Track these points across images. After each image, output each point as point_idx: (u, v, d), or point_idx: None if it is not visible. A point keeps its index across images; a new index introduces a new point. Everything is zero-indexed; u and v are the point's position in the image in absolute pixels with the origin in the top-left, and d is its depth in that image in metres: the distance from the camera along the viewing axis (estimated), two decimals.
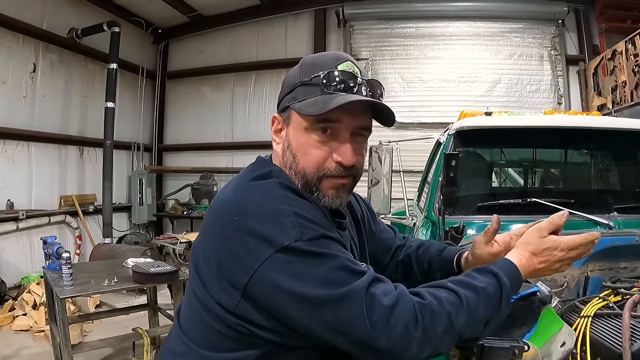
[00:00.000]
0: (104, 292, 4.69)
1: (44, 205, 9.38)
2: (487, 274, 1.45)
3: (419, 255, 1.95)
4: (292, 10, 11.60)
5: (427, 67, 10.81)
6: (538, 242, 1.55)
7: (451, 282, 1.42)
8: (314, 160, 1.48)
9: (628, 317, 1.94)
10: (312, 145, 1.48)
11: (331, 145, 1.48)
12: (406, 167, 4.78)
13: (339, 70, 1.47)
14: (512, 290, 1.45)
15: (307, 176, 1.48)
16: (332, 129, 1.47)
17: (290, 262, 1.28)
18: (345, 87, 1.45)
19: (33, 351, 6.07)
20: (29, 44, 8.99)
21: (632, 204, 3.34)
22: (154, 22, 12.21)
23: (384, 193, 3.61)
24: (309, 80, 1.47)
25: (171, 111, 12.97)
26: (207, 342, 1.45)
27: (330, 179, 1.49)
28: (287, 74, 1.59)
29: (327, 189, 1.50)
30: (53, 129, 9.62)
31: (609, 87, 8.78)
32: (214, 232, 1.41)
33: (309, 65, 1.52)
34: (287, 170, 1.52)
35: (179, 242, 7.70)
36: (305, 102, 1.46)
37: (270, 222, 1.32)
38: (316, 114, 1.42)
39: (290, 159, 1.51)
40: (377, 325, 1.25)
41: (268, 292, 1.29)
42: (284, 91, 1.55)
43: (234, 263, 1.33)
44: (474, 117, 3.77)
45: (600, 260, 2.85)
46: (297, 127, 1.50)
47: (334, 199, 1.52)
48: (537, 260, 1.53)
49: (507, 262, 1.51)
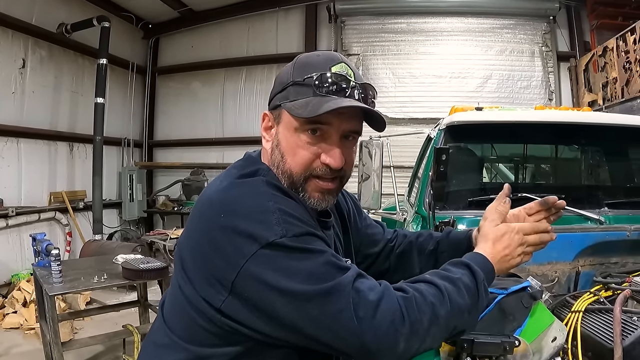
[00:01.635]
0: (93, 289, 4.68)
1: (34, 202, 9.31)
2: (459, 266, 1.49)
3: (420, 242, 2.00)
4: (283, 6, 11.55)
5: (419, 63, 10.80)
6: (494, 230, 1.62)
7: (429, 275, 1.45)
8: (301, 160, 1.48)
9: (619, 312, 1.94)
10: (300, 146, 1.48)
11: (320, 147, 1.49)
12: (397, 163, 4.77)
13: (332, 72, 1.47)
14: (487, 279, 1.49)
15: (294, 176, 1.49)
16: (322, 130, 1.48)
17: (276, 257, 1.29)
18: (338, 89, 1.46)
19: (23, 349, 6.05)
20: (18, 39, 8.91)
21: (623, 199, 3.35)
22: (144, 17, 12.12)
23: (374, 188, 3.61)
24: (301, 81, 1.47)
25: (161, 107, 12.92)
26: (189, 335, 1.45)
27: (316, 180, 1.51)
28: (280, 71, 1.58)
29: (312, 191, 1.52)
30: (42, 125, 9.54)
31: (600, 84, 8.79)
32: (200, 228, 1.41)
33: (302, 64, 1.51)
34: (274, 169, 1.53)
35: (169, 238, 7.68)
36: (296, 103, 1.46)
37: (256, 218, 1.33)
38: (306, 117, 1.42)
39: (278, 158, 1.52)
40: (363, 321, 1.26)
41: (255, 288, 1.29)
42: (275, 89, 1.55)
43: (220, 260, 1.33)
44: (464, 112, 3.76)
45: (591, 256, 2.86)
46: (287, 127, 1.50)
47: (320, 202, 1.54)
48: (500, 246, 1.59)
49: (475, 254, 1.57)
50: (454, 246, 1.90)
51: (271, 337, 1.35)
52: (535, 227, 1.66)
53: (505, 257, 1.58)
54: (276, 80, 1.57)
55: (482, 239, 1.63)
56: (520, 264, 1.64)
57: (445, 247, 1.93)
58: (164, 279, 4.85)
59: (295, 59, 1.56)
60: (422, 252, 1.98)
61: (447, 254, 1.88)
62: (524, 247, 1.62)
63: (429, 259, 1.95)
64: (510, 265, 1.60)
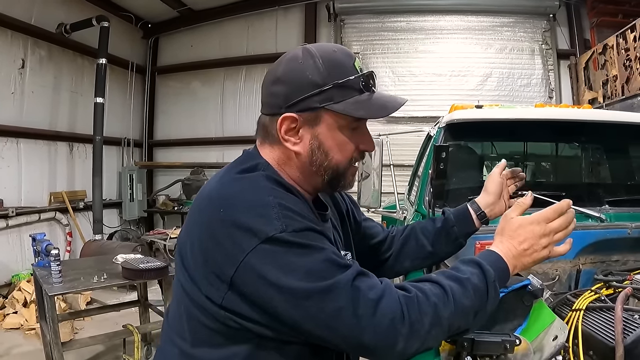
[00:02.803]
0: (93, 288, 4.68)
1: (34, 202, 9.32)
2: (470, 264, 1.46)
3: (423, 225, 2.09)
4: (282, 4, 11.56)
5: (418, 61, 10.79)
6: (509, 224, 1.58)
7: (435, 275, 1.44)
8: (347, 154, 1.56)
9: (620, 310, 1.93)
10: (345, 142, 1.54)
11: (356, 138, 1.57)
12: (397, 161, 4.77)
13: (356, 67, 1.52)
14: (499, 279, 1.47)
15: (340, 169, 1.56)
16: (361, 124, 1.58)
17: (275, 252, 1.28)
18: (371, 85, 1.54)
19: (24, 349, 6.06)
20: (18, 40, 8.93)
21: (624, 196, 3.33)
22: (144, 17, 12.13)
23: (374, 187, 3.61)
24: (345, 82, 1.48)
25: (161, 106, 12.94)
26: (195, 337, 1.44)
27: (352, 167, 1.61)
28: (296, 69, 1.51)
29: (349, 176, 1.61)
30: (42, 125, 9.55)
31: (600, 81, 8.79)
32: (200, 224, 1.41)
33: (333, 64, 1.49)
34: (314, 168, 1.54)
35: (169, 237, 7.67)
36: (347, 104, 1.48)
37: (256, 213, 1.33)
38: (373, 117, 1.52)
39: (321, 158, 1.53)
40: (362, 319, 1.25)
41: (254, 283, 1.29)
42: (305, 90, 1.47)
43: (220, 255, 1.32)
44: (464, 110, 3.75)
45: (592, 253, 2.85)
46: (330, 127, 1.51)
47: (352, 183, 1.65)
48: (517, 241, 1.54)
49: (489, 252, 1.54)
50: (459, 215, 2.01)
51: (277, 333, 1.35)
52: (558, 209, 1.58)
53: (526, 251, 1.53)
54: (291, 79, 1.50)
55: (497, 235, 1.60)
56: (552, 258, 1.60)
57: (452, 222, 2.01)
58: (164, 278, 4.85)
59: (313, 55, 1.50)
60: (429, 231, 2.03)
61: (457, 227, 1.99)
62: (550, 236, 1.55)
63: (439, 235, 2.01)
64: (534, 259, 1.54)
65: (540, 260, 1.56)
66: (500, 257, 1.51)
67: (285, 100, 1.49)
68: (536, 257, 1.54)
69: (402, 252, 2.04)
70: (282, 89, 1.51)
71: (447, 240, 2.00)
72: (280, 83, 1.52)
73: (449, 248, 2.02)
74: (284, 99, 1.49)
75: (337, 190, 1.68)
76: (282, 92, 1.50)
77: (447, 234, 1.99)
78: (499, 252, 1.52)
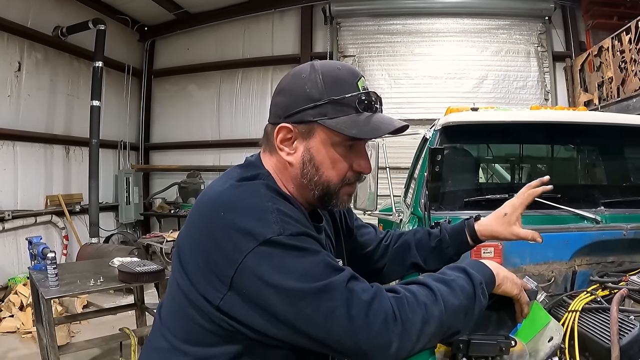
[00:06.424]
0: (89, 292, 4.67)
1: (30, 206, 9.29)
2: (455, 270, 1.54)
3: (418, 238, 2.12)
4: (278, 7, 11.56)
5: (414, 64, 10.82)
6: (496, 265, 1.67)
7: (422, 277, 1.50)
8: (339, 172, 1.57)
9: (616, 311, 1.94)
10: (339, 159, 1.56)
11: (351, 157, 1.58)
12: (393, 164, 4.76)
13: (359, 86, 1.54)
14: (486, 283, 1.54)
15: (331, 186, 1.57)
16: (358, 144, 1.59)
17: (272, 254, 1.32)
18: (372, 106, 1.55)
19: (20, 353, 6.04)
20: (14, 43, 8.90)
21: (619, 198, 3.34)
22: (140, 20, 12.13)
23: (370, 189, 3.61)
24: (340, 99, 1.50)
25: (158, 109, 12.92)
26: (188, 335, 1.47)
27: (347, 186, 1.61)
28: (292, 81, 1.57)
29: (342, 196, 1.62)
30: (38, 128, 9.52)
31: (596, 83, 8.81)
32: (200, 226, 1.44)
33: (333, 80, 1.52)
34: (305, 181, 1.57)
35: (166, 240, 7.68)
36: (340, 121, 1.50)
37: (255, 217, 1.37)
38: (364, 137, 1.53)
39: (311, 171, 1.55)
40: (356, 319, 1.28)
41: (252, 285, 1.32)
42: (301, 103, 1.51)
43: (220, 257, 1.35)
44: (460, 112, 3.76)
45: (588, 255, 2.87)
46: (323, 142, 1.54)
47: (346, 203, 1.67)
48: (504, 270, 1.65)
49: (473, 260, 1.65)
50: (455, 237, 2.04)
51: (267, 336, 1.36)
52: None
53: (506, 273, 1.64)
54: (291, 91, 1.56)
55: None
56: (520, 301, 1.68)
57: (447, 243, 2.05)
58: (160, 281, 4.85)
59: (319, 70, 1.54)
60: (423, 247, 2.08)
61: (451, 248, 2.04)
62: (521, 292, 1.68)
63: (433, 254, 2.06)
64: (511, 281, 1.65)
65: (511, 290, 1.64)
66: (484, 264, 1.60)
67: (285, 111, 1.54)
68: (513, 282, 1.65)
69: (393, 265, 2.11)
70: (283, 99, 1.56)
71: (440, 259, 2.06)
72: (282, 94, 1.58)
73: (440, 265, 2.02)
74: (284, 109, 1.54)
75: (329, 208, 1.69)
76: (283, 102, 1.56)
77: (440, 253, 2.06)
78: (484, 262, 1.61)
